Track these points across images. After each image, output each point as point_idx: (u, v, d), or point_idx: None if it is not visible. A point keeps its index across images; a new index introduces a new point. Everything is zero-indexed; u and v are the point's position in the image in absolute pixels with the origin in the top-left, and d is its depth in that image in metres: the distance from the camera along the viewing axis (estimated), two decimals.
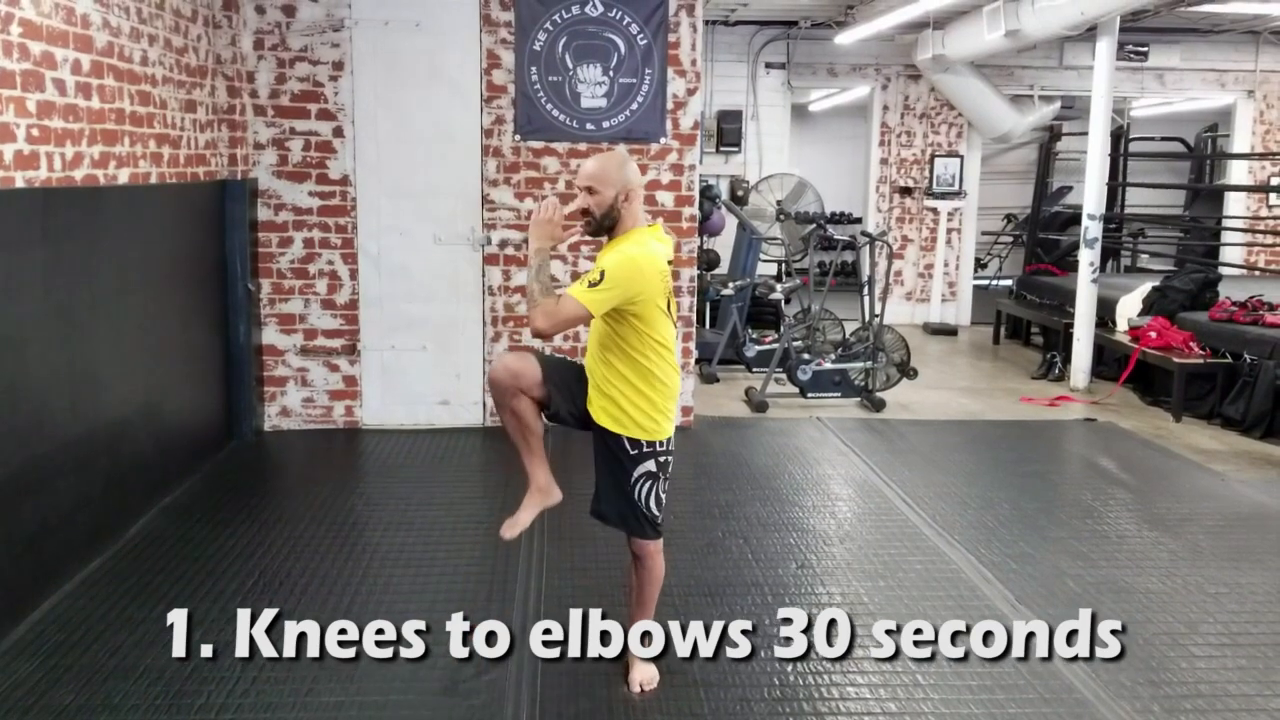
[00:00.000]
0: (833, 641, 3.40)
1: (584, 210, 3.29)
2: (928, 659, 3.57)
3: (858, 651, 3.75)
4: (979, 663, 3.66)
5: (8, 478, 3.77)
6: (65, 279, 4.19)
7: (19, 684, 3.41)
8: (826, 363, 7.75)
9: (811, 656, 3.68)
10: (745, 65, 11.01)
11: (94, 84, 4.43)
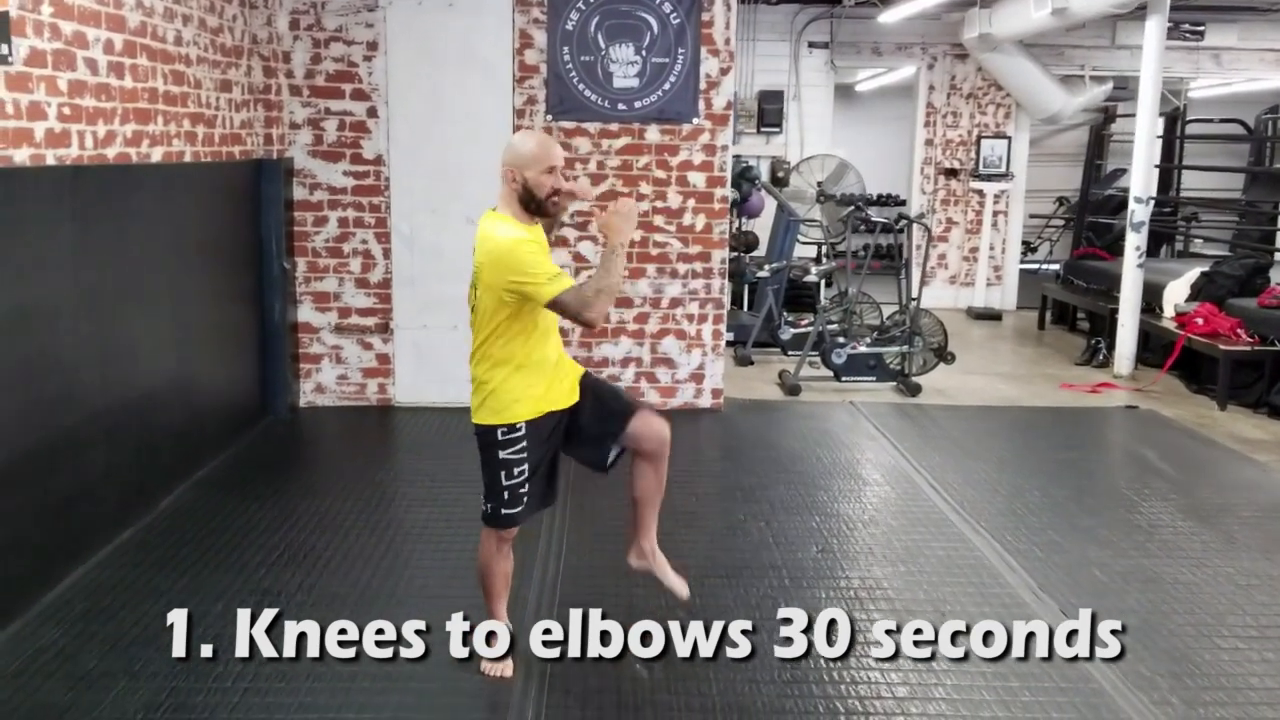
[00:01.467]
0: (834, 640, 3.35)
1: (561, 189, 3.29)
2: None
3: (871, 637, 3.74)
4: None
5: (38, 448, 3.86)
6: (95, 254, 4.27)
7: (45, 649, 3.50)
8: (862, 346, 7.68)
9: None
10: (787, 45, 10.90)
11: (126, 63, 4.50)
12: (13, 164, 3.64)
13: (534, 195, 3.25)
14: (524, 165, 3.24)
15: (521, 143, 3.34)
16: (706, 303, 6.68)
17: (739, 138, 10.96)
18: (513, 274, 3.12)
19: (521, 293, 3.14)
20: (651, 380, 6.73)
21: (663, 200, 6.55)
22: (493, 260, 3.16)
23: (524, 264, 3.12)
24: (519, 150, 3.28)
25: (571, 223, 6.53)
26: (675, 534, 4.64)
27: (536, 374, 3.31)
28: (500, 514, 3.38)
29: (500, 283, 3.15)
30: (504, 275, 3.13)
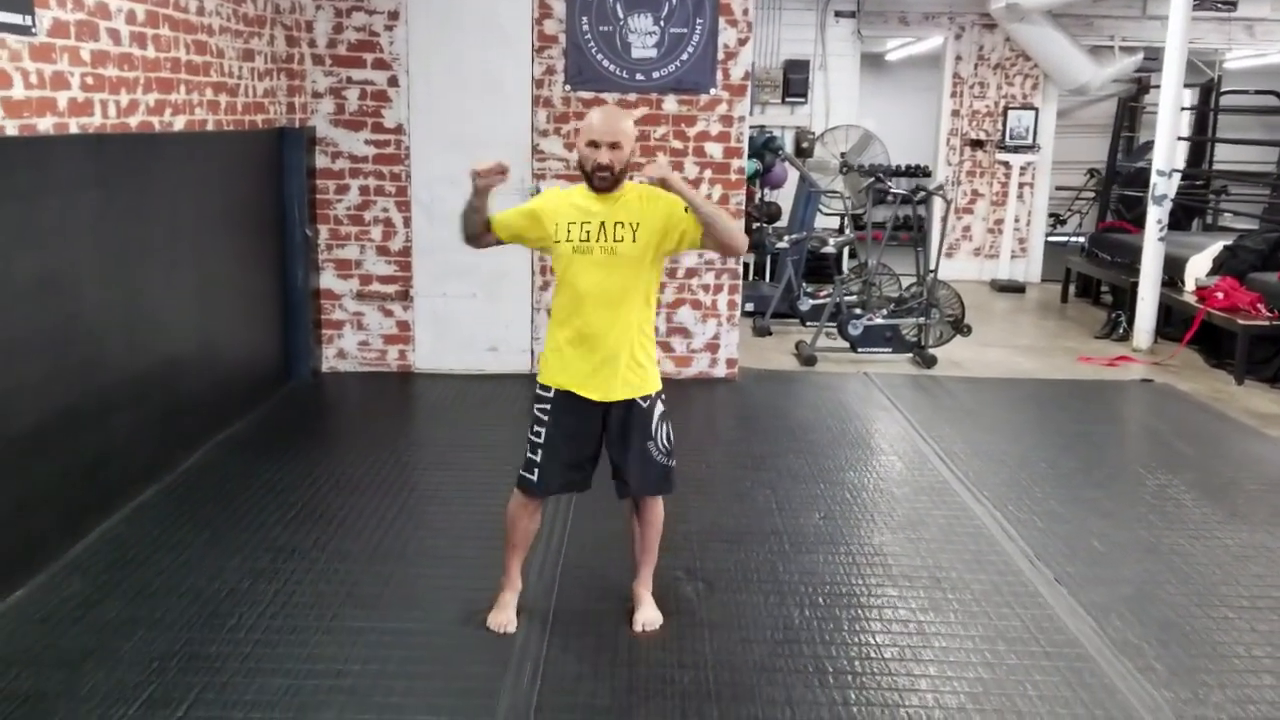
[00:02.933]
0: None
1: (607, 165, 3.28)
2: (931, 608, 3.64)
3: (863, 599, 3.84)
4: (984, 614, 3.72)
5: (66, 409, 4.00)
6: (118, 221, 4.40)
7: (69, 599, 3.66)
8: (878, 318, 7.72)
9: (817, 602, 3.79)
10: (814, 14, 10.87)
11: (149, 33, 4.61)
12: (36, 132, 3.76)
13: (582, 166, 3.34)
14: (578, 139, 3.35)
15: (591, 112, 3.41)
16: (722, 273, 6.75)
17: (763, 108, 10.97)
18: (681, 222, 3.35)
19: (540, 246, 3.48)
20: (667, 350, 6.81)
21: (680, 171, 6.60)
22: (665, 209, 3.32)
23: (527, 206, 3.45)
24: (584, 122, 3.37)
25: None
26: (684, 500, 4.73)
27: (580, 351, 3.36)
28: (520, 473, 3.47)
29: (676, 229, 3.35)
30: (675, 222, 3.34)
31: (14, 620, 3.49)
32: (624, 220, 3.31)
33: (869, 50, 13.97)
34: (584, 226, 3.31)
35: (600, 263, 3.30)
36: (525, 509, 3.53)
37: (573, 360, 3.36)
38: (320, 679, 3.21)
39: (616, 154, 3.27)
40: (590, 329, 3.33)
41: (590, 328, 3.33)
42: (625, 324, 3.34)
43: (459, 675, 3.27)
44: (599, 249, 3.29)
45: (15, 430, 3.67)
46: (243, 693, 3.13)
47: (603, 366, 3.35)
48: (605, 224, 3.30)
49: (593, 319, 3.33)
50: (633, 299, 3.35)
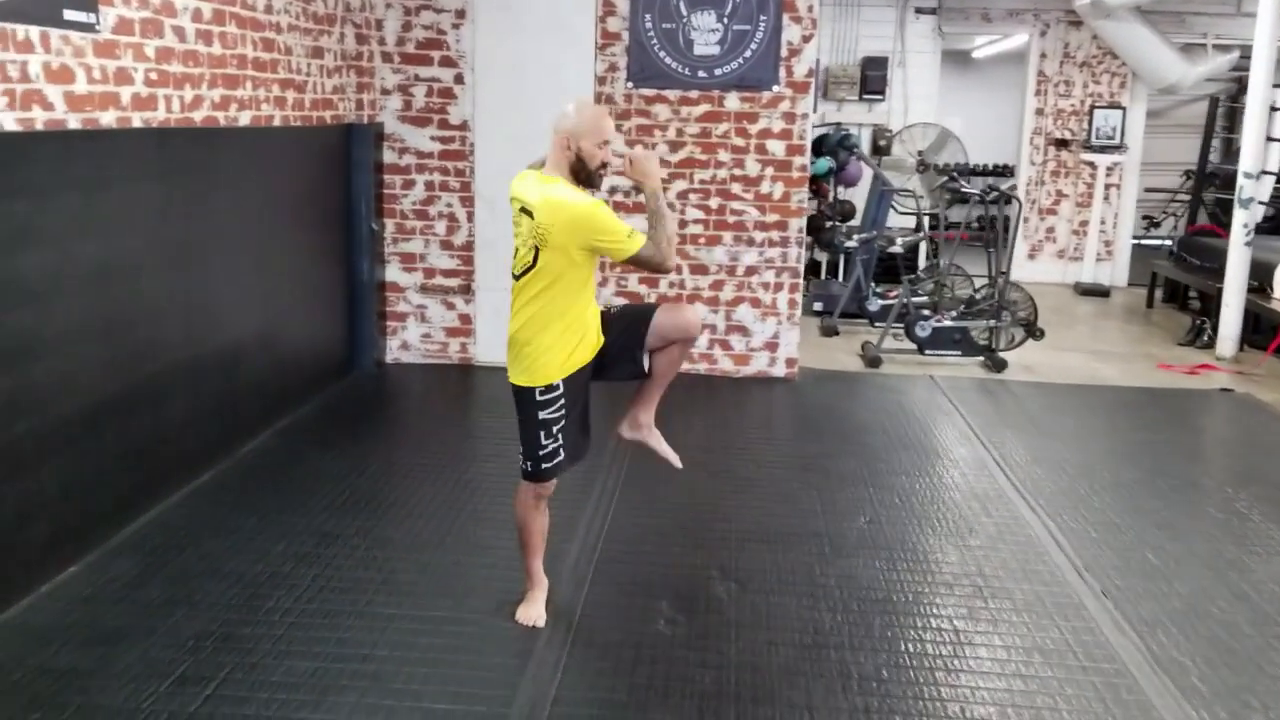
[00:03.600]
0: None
1: (608, 161, 3.40)
2: (969, 616, 3.56)
3: (900, 604, 3.78)
4: (1023, 624, 3.63)
5: (120, 393, 4.14)
6: (180, 213, 4.53)
7: (115, 578, 3.78)
8: (947, 319, 7.58)
9: (851, 607, 3.74)
10: (894, 10, 10.70)
11: (215, 31, 4.73)
12: (99, 126, 3.90)
13: (586, 165, 3.33)
14: (581, 135, 3.31)
15: (578, 112, 3.37)
16: (783, 271, 6.69)
17: (840, 105, 10.85)
18: (597, 234, 3.23)
19: (602, 250, 3.27)
20: (725, 348, 6.78)
21: (741, 168, 6.57)
22: (572, 222, 3.23)
23: (607, 225, 3.24)
24: (576, 120, 3.33)
25: None
26: (726, 499, 4.76)
27: (577, 332, 3.39)
28: (540, 469, 3.47)
29: (577, 243, 3.23)
30: (586, 236, 3.23)
31: (61, 597, 3.62)
32: None
33: (952, 47, 13.76)
34: None
35: None
36: (536, 507, 3.56)
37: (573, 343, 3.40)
38: (346, 663, 3.27)
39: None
40: (588, 310, 3.45)
41: (589, 308, 3.45)
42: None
43: (482, 665, 3.30)
44: None
45: (69, 412, 3.81)
46: (270, 674, 3.20)
47: (591, 326, 3.46)
48: None
49: (591, 302, 3.48)
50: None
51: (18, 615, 3.48)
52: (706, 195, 6.60)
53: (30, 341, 3.57)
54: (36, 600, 3.59)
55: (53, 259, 3.67)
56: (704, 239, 6.66)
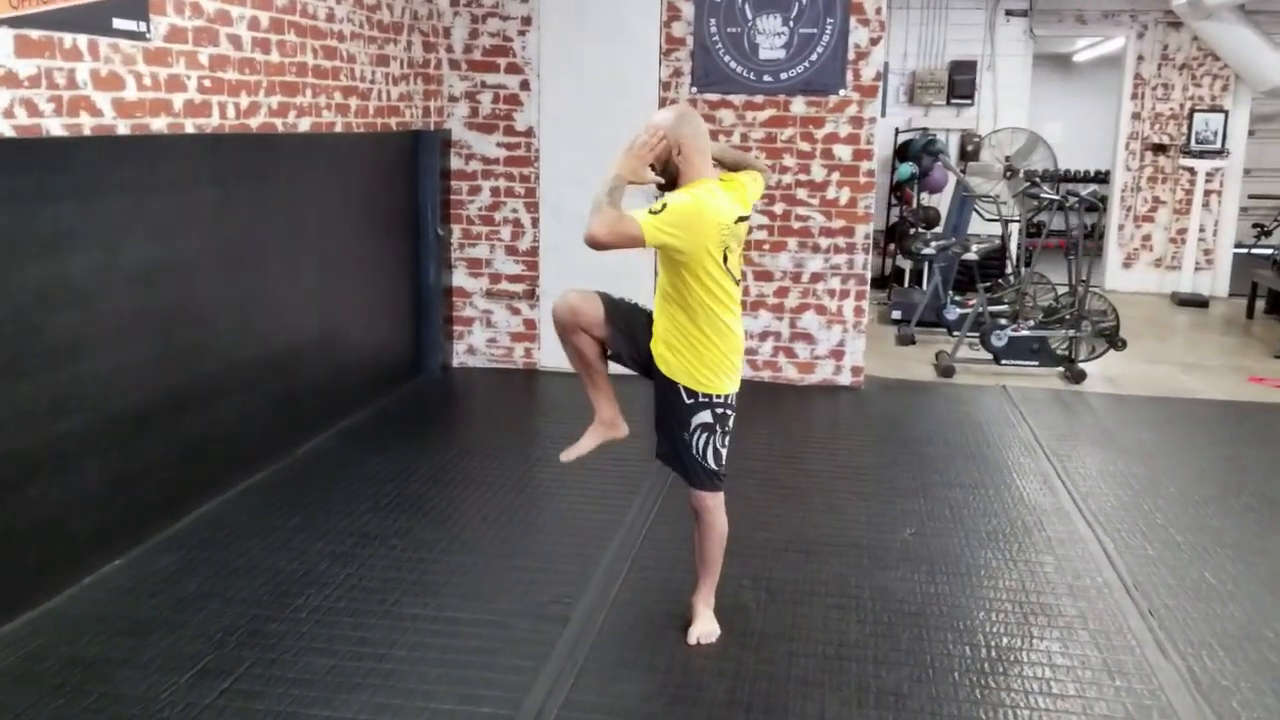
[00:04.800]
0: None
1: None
2: (1004, 633, 3.43)
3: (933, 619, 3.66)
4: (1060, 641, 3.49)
5: (171, 391, 4.25)
6: (236, 216, 4.64)
7: (157, 572, 3.88)
8: (1024, 329, 7.35)
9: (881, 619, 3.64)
10: (983, 13, 10.45)
11: (273, 39, 4.85)
12: (149, 131, 4.02)
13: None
14: (690, 138, 3.28)
15: (678, 120, 3.30)
16: (849, 278, 6.57)
17: (927, 110, 10.65)
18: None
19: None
20: (790, 355, 6.69)
21: (806, 173, 6.47)
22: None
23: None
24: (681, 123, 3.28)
25: None
26: (770, 507, 4.69)
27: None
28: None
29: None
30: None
31: (101, 589, 3.74)
32: None
33: (1049, 50, 13.39)
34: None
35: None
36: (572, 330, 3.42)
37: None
38: (364, 661, 3.30)
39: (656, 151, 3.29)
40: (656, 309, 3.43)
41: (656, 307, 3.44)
42: (667, 314, 3.36)
43: (496, 666, 3.29)
44: None
45: (116, 410, 3.93)
46: (288, 669, 3.24)
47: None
48: None
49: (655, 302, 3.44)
50: (667, 294, 3.35)
51: (58, 605, 3.60)
52: (771, 201, 6.52)
53: (76, 340, 3.69)
54: (78, 591, 3.71)
55: (99, 260, 3.79)
56: (768, 245, 6.58)
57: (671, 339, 3.35)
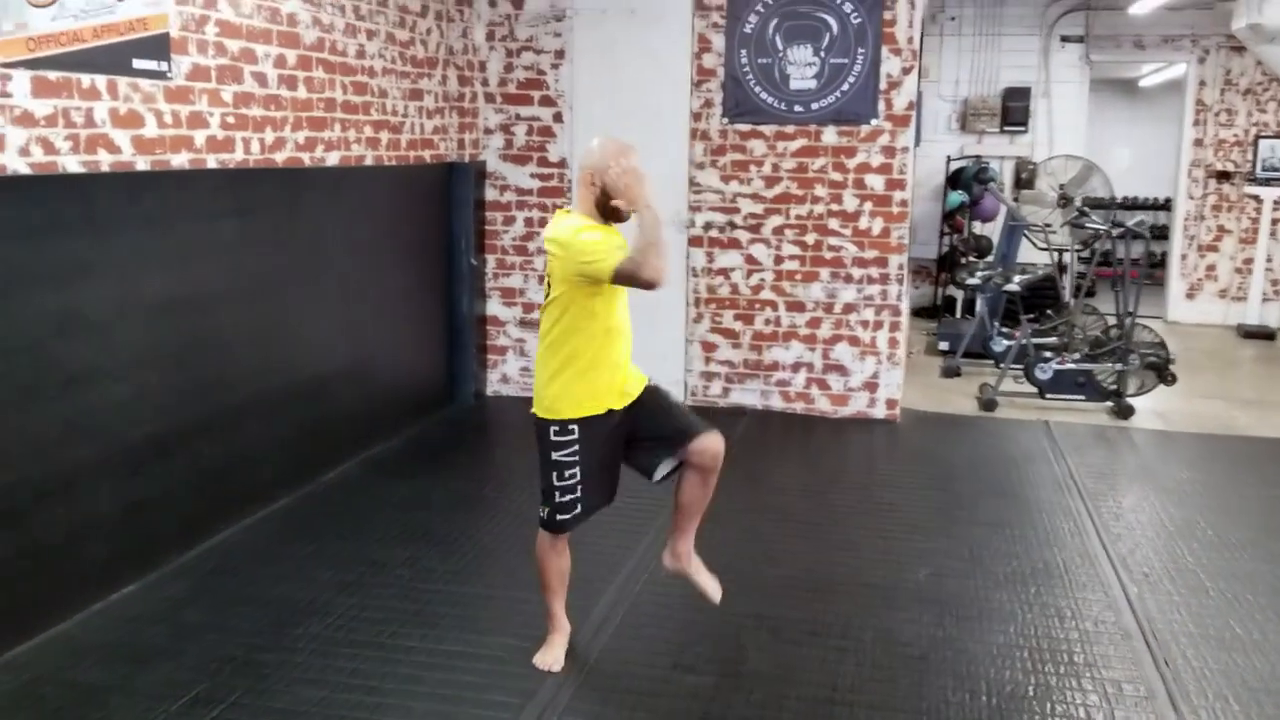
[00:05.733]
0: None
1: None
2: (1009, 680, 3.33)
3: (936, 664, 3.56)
4: (1062, 689, 3.37)
5: (189, 420, 4.33)
6: (258, 248, 4.73)
7: (165, 599, 3.95)
8: (1069, 362, 7.17)
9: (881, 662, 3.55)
10: (1037, 39, 10.28)
11: (300, 76, 4.95)
12: (169, 167, 4.12)
13: (608, 199, 3.29)
14: (604, 170, 3.29)
15: (601, 147, 3.37)
16: (883, 309, 6.48)
17: (980, 137, 10.50)
18: (578, 258, 3.18)
19: (588, 274, 3.19)
20: (823, 387, 6.61)
21: (838, 203, 6.41)
22: (561, 248, 3.22)
23: (586, 245, 3.18)
24: (600, 155, 3.34)
25: (744, 225, 6.53)
26: (785, 544, 4.63)
27: (599, 372, 3.36)
28: (555, 520, 3.44)
29: (571, 269, 3.21)
30: (573, 260, 3.19)
31: (110, 616, 3.81)
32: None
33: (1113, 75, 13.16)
34: None
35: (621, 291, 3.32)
36: (554, 548, 3.52)
37: (596, 384, 3.35)
38: (353, 693, 3.31)
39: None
40: (618, 354, 3.40)
41: (618, 353, 3.39)
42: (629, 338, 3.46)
43: (483, 702, 3.27)
44: None
45: (133, 437, 4.01)
46: (277, 699, 3.27)
47: (626, 375, 3.45)
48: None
49: (620, 345, 3.40)
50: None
51: (66, 630, 3.68)
52: (803, 231, 6.47)
53: (90, 370, 3.78)
54: (88, 617, 3.78)
55: (116, 292, 3.88)
56: (800, 275, 6.53)
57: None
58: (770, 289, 6.58)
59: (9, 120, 3.38)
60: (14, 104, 3.39)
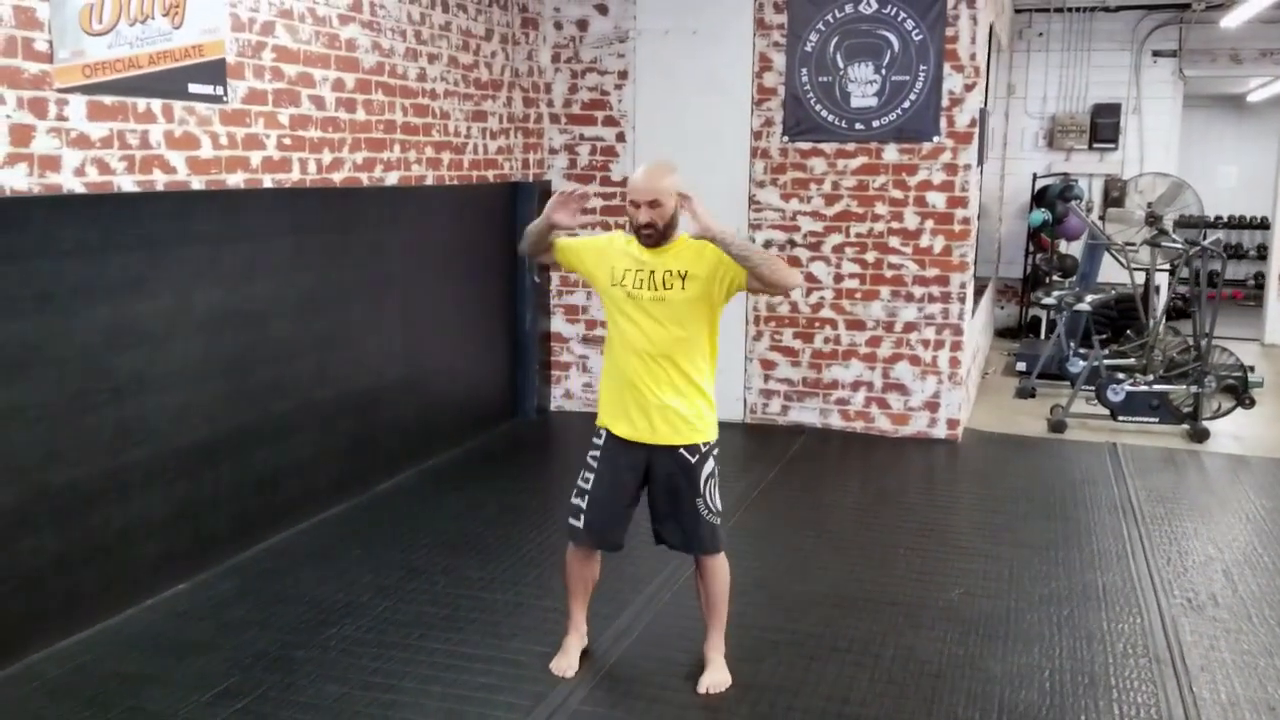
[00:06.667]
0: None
1: (649, 223, 3.29)
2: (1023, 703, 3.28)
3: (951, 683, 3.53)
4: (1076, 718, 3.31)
5: (240, 428, 4.53)
6: (314, 264, 4.93)
7: (213, 597, 4.14)
8: (1143, 383, 6.97)
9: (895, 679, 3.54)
10: (1128, 54, 10.04)
11: (359, 99, 5.16)
12: (225, 187, 4.34)
13: (631, 221, 3.36)
14: (627, 193, 3.38)
15: (635, 172, 3.41)
16: (944, 328, 6.41)
17: (1068, 154, 10.29)
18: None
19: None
20: (883, 406, 6.56)
21: (899, 221, 6.38)
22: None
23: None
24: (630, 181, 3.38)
25: (804, 243, 6.54)
26: (819, 560, 4.64)
27: (616, 389, 3.42)
28: (568, 519, 3.55)
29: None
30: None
31: (159, 611, 4.00)
32: (674, 269, 3.32)
33: (1217, 90, 12.76)
34: (638, 274, 3.34)
35: (650, 311, 3.32)
36: (576, 555, 3.59)
37: (623, 404, 3.39)
38: (373, 691, 3.43)
39: (658, 212, 3.27)
40: (637, 376, 3.35)
41: (636, 375, 3.35)
42: (676, 374, 3.34)
43: (493, 703, 3.36)
44: (649, 297, 3.32)
45: (185, 443, 4.22)
46: (300, 694, 3.40)
47: (650, 412, 3.36)
48: (655, 272, 3.32)
49: (639, 366, 3.35)
50: (682, 348, 3.34)
51: (116, 624, 3.88)
52: (863, 249, 6.45)
53: (142, 378, 4.00)
54: (139, 612, 3.99)
55: (169, 305, 4.10)
56: (860, 293, 6.50)
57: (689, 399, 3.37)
58: (830, 307, 6.57)
59: (65, 142, 3.62)
60: (70, 127, 3.63)
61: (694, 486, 3.40)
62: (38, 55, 3.51)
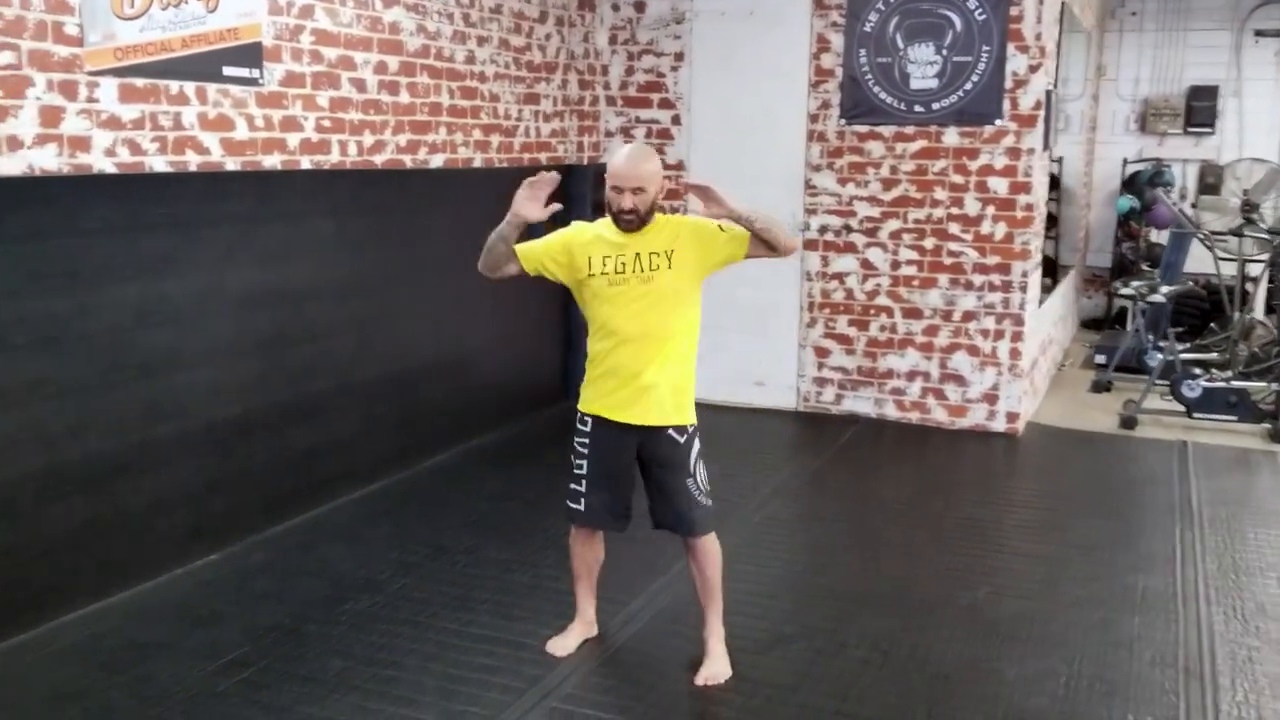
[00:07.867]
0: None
1: (632, 209, 3.22)
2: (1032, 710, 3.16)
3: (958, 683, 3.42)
4: None
5: (276, 404, 4.62)
6: (354, 246, 5.00)
7: (240, 569, 4.24)
8: (1220, 379, 6.65)
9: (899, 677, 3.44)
10: (1228, 34, 9.56)
11: (403, 81, 5.20)
12: (260, 168, 4.42)
13: (609, 207, 3.32)
14: (608, 178, 3.30)
15: (613, 154, 3.38)
16: (1004, 318, 6.20)
17: (1162, 139, 9.86)
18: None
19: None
20: (940, 397, 6.38)
21: (959, 207, 6.18)
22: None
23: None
24: (609, 162, 3.34)
25: (860, 228, 6.39)
26: (844, 555, 4.55)
27: (603, 374, 3.38)
28: (567, 505, 3.55)
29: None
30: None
31: (187, 581, 4.12)
32: (658, 249, 3.26)
33: None
34: (619, 259, 3.28)
35: (637, 294, 3.27)
36: (578, 538, 3.58)
37: (611, 389, 3.35)
38: (375, 667, 3.47)
39: (640, 197, 3.22)
40: (626, 361, 3.30)
41: (625, 360, 3.30)
42: (665, 355, 3.29)
43: (489, 683, 3.37)
44: (635, 280, 3.26)
45: (217, 418, 4.32)
46: (303, 667, 3.46)
47: (639, 395, 3.32)
48: (640, 254, 3.27)
49: (626, 351, 3.30)
50: (670, 328, 3.30)
51: (143, 592, 4.00)
52: (921, 235, 6.28)
53: (172, 355, 4.10)
54: (168, 580, 4.11)
55: (200, 283, 4.20)
56: (918, 281, 6.33)
57: (674, 374, 3.33)
58: (886, 295, 6.41)
59: (96, 123, 3.72)
60: (100, 108, 3.73)
61: (685, 466, 3.37)
62: (68, 39, 3.61)
